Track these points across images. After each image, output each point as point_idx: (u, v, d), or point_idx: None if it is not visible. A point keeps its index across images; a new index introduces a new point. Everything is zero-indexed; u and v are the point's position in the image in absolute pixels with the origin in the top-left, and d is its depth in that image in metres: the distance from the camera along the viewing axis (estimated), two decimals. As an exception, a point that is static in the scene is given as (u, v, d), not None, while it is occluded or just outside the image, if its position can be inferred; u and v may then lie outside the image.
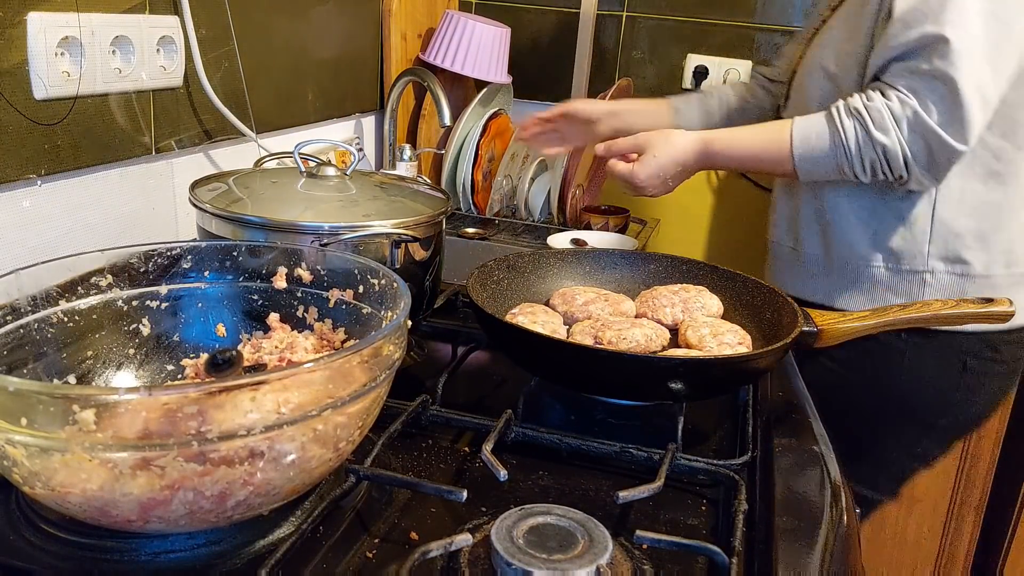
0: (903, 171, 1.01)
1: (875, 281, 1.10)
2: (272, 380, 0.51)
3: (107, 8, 0.94)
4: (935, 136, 0.97)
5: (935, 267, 1.08)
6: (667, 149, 1.08)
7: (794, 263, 1.17)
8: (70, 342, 0.67)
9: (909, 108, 0.98)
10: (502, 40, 1.76)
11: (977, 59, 0.95)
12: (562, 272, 1.00)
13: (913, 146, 0.99)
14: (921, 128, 0.97)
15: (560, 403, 0.84)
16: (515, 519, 0.55)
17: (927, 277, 1.08)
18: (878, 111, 0.99)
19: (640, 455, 0.70)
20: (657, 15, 1.94)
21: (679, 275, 0.99)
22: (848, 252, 1.11)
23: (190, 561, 0.55)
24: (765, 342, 0.86)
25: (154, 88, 1.03)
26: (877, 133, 0.99)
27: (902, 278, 1.09)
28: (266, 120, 1.29)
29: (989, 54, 0.96)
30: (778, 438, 0.74)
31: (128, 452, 0.48)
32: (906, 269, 1.09)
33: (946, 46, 0.95)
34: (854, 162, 1.01)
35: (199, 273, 0.75)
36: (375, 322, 0.70)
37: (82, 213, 0.97)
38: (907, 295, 1.09)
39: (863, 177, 1.03)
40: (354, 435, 0.58)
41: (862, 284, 1.11)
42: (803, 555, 0.57)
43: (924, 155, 0.99)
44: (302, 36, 1.36)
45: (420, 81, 1.56)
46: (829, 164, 1.03)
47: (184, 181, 1.11)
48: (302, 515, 0.60)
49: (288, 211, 0.84)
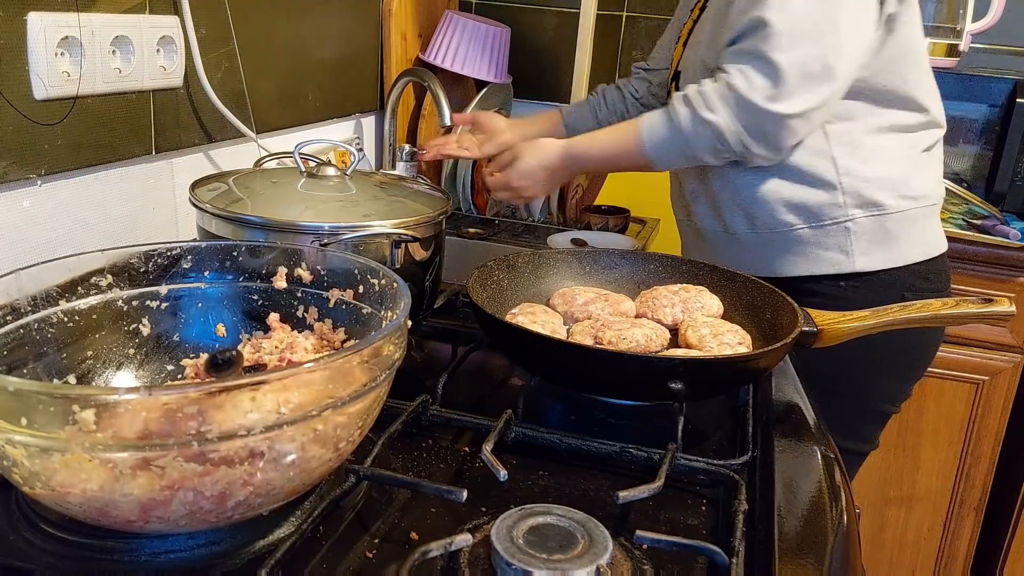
0: (741, 147, 1.08)
1: (804, 242, 1.16)
2: (272, 380, 0.51)
3: (107, 8, 0.94)
4: (759, 110, 1.04)
5: (854, 214, 1.14)
6: (536, 154, 1.21)
7: (728, 244, 1.23)
8: (70, 342, 0.67)
9: (734, 87, 1.05)
10: (502, 40, 1.76)
11: (797, 37, 1.02)
12: (562, 272, 1.00)
13: (742, 121, 1.06)
14: (745, 104, 1.05)
15: (560, 403, 0.84)
16: (515, 519, 0.55)
17: (850, 225, 1.14)
18: (707, 94, 1.07)
19: (640, 455, 0.70)
20: (657, 15, 1.94)
21: (679, 275, 0.99)
22: (772, 222, 1.17)
23: (190, 561, 0.55)
24: (765, 342, 0.86)
25: (154, 88, 1.03)
26: (706, 113, 1.07)
27: (827, 232, 1.15)
28: (266, 120, 1.29)
29: (812, 32, 1.02)
30: (778, 438, 0.74)
31: (128, 452, 0.48)
32: (829, 224, 1.14)
33: (767, 28, 1.03)
34: (694, 145, 1.09)
35: (199, 273, 0.75)
36: (375, 322, 0.70)
37: (82, 213, 0.97)
38: (837, 246, 1.15)
39: (709, 159, 1.11)
40: (354, 435, 0.58)
41: (792, 247, 1.17)
42: (803, 555, 0.57)
43: (756, 128, 1.06)
44: (302, 36, 1.36)
45: (420, 81, 1.57)
46: (675, 151, 1.11)
47: (184, 181, 1.11)
48: (302, 515, 0.60)
49: (288, 211, 0.84)
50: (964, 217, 1.82)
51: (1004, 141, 1.79)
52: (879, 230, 1.14)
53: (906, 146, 1.15)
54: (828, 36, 1.03)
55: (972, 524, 1.89)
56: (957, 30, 1.91)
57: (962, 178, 1.90)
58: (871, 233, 1.14)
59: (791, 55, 1.03)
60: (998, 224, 1.75)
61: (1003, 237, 1.71)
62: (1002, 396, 1.79)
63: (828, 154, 1.13)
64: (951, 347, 1.78)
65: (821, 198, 1.14)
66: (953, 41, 1.91)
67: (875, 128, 1.13)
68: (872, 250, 1.14)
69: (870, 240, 1.14)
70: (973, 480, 1.86)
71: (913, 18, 1.12)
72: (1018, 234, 1.72)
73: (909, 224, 1.15)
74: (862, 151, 1.13)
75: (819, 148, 1.13)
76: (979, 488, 1.86)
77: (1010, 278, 1.73)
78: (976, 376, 1.79)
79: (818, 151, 1.13)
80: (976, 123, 1.86)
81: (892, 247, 1.15)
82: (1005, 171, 1.81)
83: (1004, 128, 1.79)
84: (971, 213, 1.82)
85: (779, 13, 1.03)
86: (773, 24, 1.03)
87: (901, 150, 1.15)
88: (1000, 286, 1.73)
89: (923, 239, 1.17)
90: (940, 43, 1.90)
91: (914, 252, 1.16)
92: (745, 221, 1.19)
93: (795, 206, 1.15)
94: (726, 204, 1.20)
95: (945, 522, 1.90)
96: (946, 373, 1.80)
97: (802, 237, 1.16)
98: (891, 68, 1.11)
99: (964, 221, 1.81)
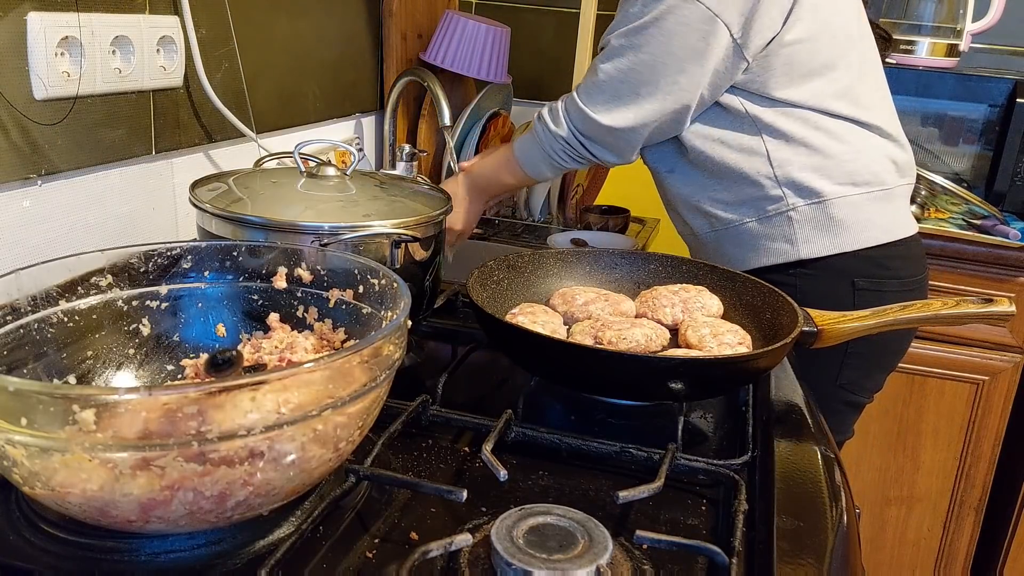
0: (588, 154, 1.18)
1: (753, 235, 1.19)
2: (272, 380, 0.51)
3: (107, 8, 0.94)
4: (585, 117, 1.14)
5: (795, 203, 1.16)
6: (452, 199, 1.32)
7: (697, 246, 1.30)
8: (70, 342, 0.67)
9: (572, 97, 1.16)
10: (502, 40, 1.76)
11: (614, 54, 1.12)
12: (562, 272, 1.00)
13: (581, 130, 1.16)
14: (577, 110, 1.15)
15: (560, 403, 0.84)
16: (515, 519, 0.55)
17: (792, 215, 1.16)
18: (555, 109, 1.19)
19: (640, 455, 0.70)
20: (657, 15, 1.93)
21: (679, 275, 0.99)
22: (725, 219, 1.21)
23: (190, 561, 0.55)
24: (765, 342, 0.86)
25: (154, 88, 1.03)
26: (554, 127, 1.18)
27: (772, 223, 1.18)
28: (266, 120, 1.29)
29: (633, 56, 1.10)
30: (778, 438, 0.74)
31: (128, 452, 0.48)
32: (773, 214, 1.17)
33: (607, 46, 1.14)
34: (555, 157, 1.20)
35: (199, 273, 0.75)
36: (375, 322, 0.70)
37: (82, 213, 0.97)
38: (783, 236, 1.18)
39: (573, 166, 1.22)
40: (354, 435, 0.58)
41: (744, 241, 1.20)
42: (803, 555, 0.57)
43: (594, 135, 1.15)
44: (302, 36, 1.36)
45: (420, 81, 1.57)
46: (544, 164, 1.22)
47: (184, 181, 1.11)
48: (302, 515, 0.60)
49: (288, 211, 0.84)
50: (964, 217, 1.82)
51: (1004, 141, 1.79)
52: (822, 217, 1.16)
53: (841, 135, 1.16)
54: (644, 69, 1.10)
55: (972, 524, 1.89)
56: (957, 30, 1.91)
57: (962, 178, 1.90)
58: (813, 221, 1.16)
59: (609, 68, 1.12)
60: (998, 224, 1.75)
61: (1003, 237, 1.71)
62: (1002, 396, 1.79)
63: (761, 149, 1.15)
64: (951, 347, 1.78)
65: (762, 191, 1.17)
66: (953, 41, 1.91)
67: (804, 119, 1.15)
68: (815, 237, 1.16)
69: (812, 227, 1.16)
70: (973, 480, 1.85)
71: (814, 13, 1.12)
72: (1018, 234, 1.72)
73: (853, 210, 1.16)
74: (793, 141, 1.15)
75: (750, 145, 1.15)
76: (979, 488, 1.86)
77: (1010, 278, 1.73)
78: (976, 376, 1.79)
79: (750, 147, 1.15)
80: (976, 123, 1.86)
81: (837, 233, 1.16)
82: (1005, 171, 1.81)
83: (1004, 128, 1.79)
84: (971, 213, 1.82)
85: (616, 35, 1.12)
86: (611, 42, 1.12)
87: (834, 139, 1.16)
88: (1000, 286, 1.73)
89: (874, 224, 1.17)
90: (940, 43, 1.90)
91: (863, 238, 1.16)
92: (704, 222, 1.23)
93: (742, 202, 1.18)
94: (685, 208, 1.25)
95: (945, 522, 1.90)
96: (946, 373, 1.80)
97: (751, 230, 1.19)
98: (794, 71, 1.13)
99: (964, 221, 1.80)
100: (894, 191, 1.20)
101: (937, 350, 1.78)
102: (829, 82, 1.14)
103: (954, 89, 1.83)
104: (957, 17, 1.90)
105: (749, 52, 1.09)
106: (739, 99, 1.14)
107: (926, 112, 1.86)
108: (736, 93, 1.14)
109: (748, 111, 1.14)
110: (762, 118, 1.14)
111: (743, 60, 1.10)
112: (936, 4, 1.91)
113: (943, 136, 1.89)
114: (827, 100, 1.14)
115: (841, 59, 1.15)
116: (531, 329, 0.81)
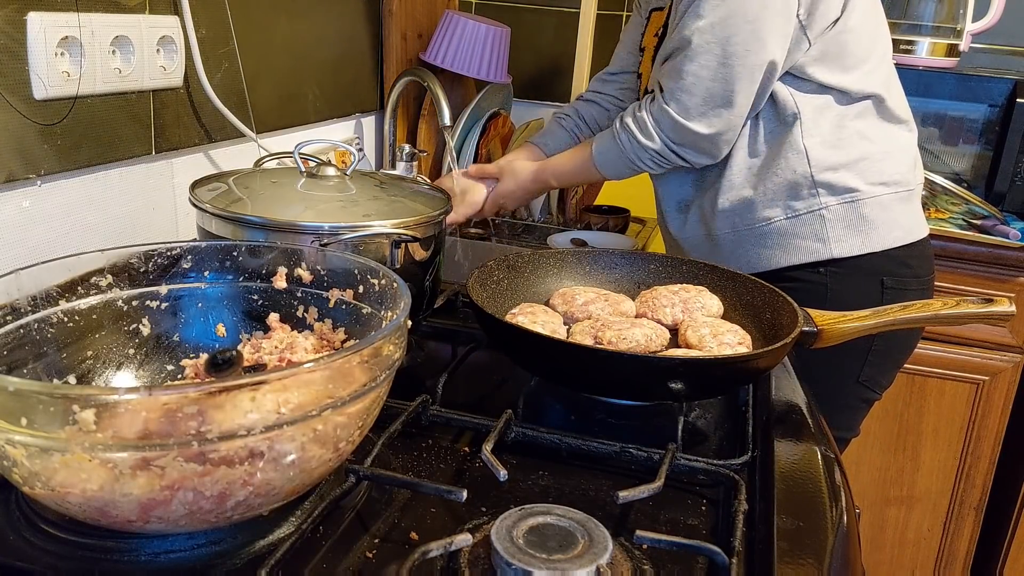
0: (680, 160, 1.18)
1: (782, 233, 1.19)
2: (272, 380, 0.51)
3: (107, 8, 0.94)
4: (680, 127, 1.13)
5: (828, 202, 1.17)
6: (513, 176, 1.35)
7: (710, 249, 1.28)
8: (70, 342, 0.67)
9: (661, 107, 1.15)
10: (502, 40, 1.76)
11: (709, 55, 1.10)
12: (562, 272, 1.00)
13: (675, 140, 1.15)
14: (670, 121, 1.14)
15: (560, 403, 0.84)
16: (515, 519, 0.55)
17: (824, 213, 1.17)
18: (642, 120, 1.17)
19: (640, 455, 0.70)
20: (657, 15, 1.93)
21: (679, 275, 0.99)
22: (752, 218, 1.21)
23: (190, 561, 0.55)
24: (765, 342, 0.86)
25: (154, 88, 1.03)
26: (644, 140, 1.17)
27: (803, 222, 1.18)
28: (266, 120, 1.29)
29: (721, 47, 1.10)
30: (778, 438, 0.74)
31: (128, 452, 0.48)
32: (804, 213, 1.18)
33: (689, 46, 1.11)
34: (639, 164, 1.20)
35: (199, 273, 0.75)
36: (375, 322, 0.70)
37: (82, 213, 0.97)
38: (814, 235, 1.18)
39: (658, 170, 1.22)
40: (354, 435, 0.58)
41: (771, 240, 1.20)
42: (803, 555, 0.57)
43: (690, 143, 1.15)
44: (302, 36, 1.36)
45: (420, 81, 1.57)
46: (626, 169, 1.22)
47: (184, 181, 1.11)
48: (302, 515, 0.60)
49: (288, 211, 0.84)
50: (964, 217, 1.82)
51: (1004, 141, 1.79)
52: (853, 216, 1.17)
53: (875, 133, 1.18)
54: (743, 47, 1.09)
55: (972, 524, 1.89)
56: (957, 30, 1.91)
57: (962, 178, 1.90)
58: (845, 220, 1.17)
59: (701, 71, 1.10)
60: (998, 224, 1.75)
61: (1003, 237, 1.71)
62: (1002, 396, 1.79)
63: (799, 146, 1.16)
64: (951, 347, 1.78)
65: (796, 190, 1.17)
66: (953, 41, 1.91)
67: (843, 118, 1.17)
68: (847, 236, 1.17)
69: (845, 226, 1.17)
70: (973, 480, 1.85)
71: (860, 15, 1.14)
72: (1018, 234, 1.72)
73: (882, 210, 1.17)
74: (830, 140, 1.16)
75: (790, 141, 1.16)
76: (979, 488, 1.86)
77: (1010, 278, 1.73)
78: (976, 376, 1.79)
79: (789, 144, 1.16)
80: (976, 123, 1.86)
81: (867, 233, 1.17)
82: (1005, 171, 1.81)
83: (1004, 128, 1.79)
84: (971, 213, 1.82)
85: (698, 31, 1.10)
86: (693, 41, 1.10)
87: (867, 138, 1.18)
88: (1000, 286, 1.73)
89: (899, 224, 1.19)
90: (940, 43, 1.90)
91: (890, 238, 1.18)
92: (728, 223, 1.23)
93: (772, 201, 1.18)
94: (711, 210, 1.24)
95: (945, 522, 1.90)
96: (946, 373, 1.80)
97: (780, 229, 1.19)
98: (845, 58, 1.15)
99: (964, 221, 1.80)
100: (914, 192, 1.22)
101: (937, 350, 1.78)
102: (868, 73, 1.16)
103: (954, 89, 1.83)
104: (957, 17, 1.90)
105: (812, 32, 1.11)
106: (788, 88, 1.15)
107: (926, 112, 1.86)
108: (787, 82, 1.15)
109: (796, 100, 1.14)
110: (804, 111, 1.14)
111: (805, 39, 1.11)
112: (936, 4, 1.91)
113: (943, 136, 1.89)
114: (871, 87, 1.16)
115: (880, 50, 1.17)
116: (531, 329, 0.81)
